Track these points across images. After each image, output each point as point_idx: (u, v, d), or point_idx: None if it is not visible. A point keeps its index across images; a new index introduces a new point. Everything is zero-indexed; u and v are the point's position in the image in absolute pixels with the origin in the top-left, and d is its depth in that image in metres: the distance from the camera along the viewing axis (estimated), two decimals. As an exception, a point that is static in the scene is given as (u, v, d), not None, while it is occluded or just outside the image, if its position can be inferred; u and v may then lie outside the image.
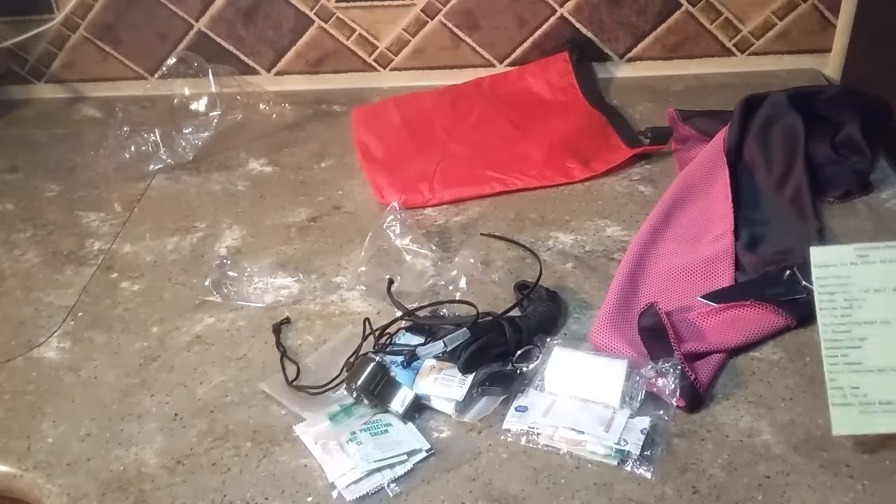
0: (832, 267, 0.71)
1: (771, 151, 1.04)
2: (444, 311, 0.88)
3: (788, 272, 0.86)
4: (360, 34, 1.33)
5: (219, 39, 1.35)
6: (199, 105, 1.24)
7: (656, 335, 0.80)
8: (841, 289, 0.71)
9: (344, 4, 1.31)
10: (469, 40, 1.33)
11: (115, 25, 1.35)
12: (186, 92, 1.25)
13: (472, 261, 0.94)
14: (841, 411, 0.69)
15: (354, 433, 0.75)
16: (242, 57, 1.36)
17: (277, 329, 0.89)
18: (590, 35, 1.32)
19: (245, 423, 0.80)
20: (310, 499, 0.72)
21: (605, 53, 1.33)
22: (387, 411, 0.78)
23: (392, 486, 0.72)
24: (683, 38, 1.31)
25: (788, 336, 0.83)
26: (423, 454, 0.74)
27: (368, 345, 0.84)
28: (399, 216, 0.99)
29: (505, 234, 1.01)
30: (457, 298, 0.90)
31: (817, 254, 0.72)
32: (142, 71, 1.39)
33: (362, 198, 1.11)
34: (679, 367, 0.76)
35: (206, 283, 0.97)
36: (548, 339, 0.82)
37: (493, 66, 1.35)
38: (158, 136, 1.20)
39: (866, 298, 0.70)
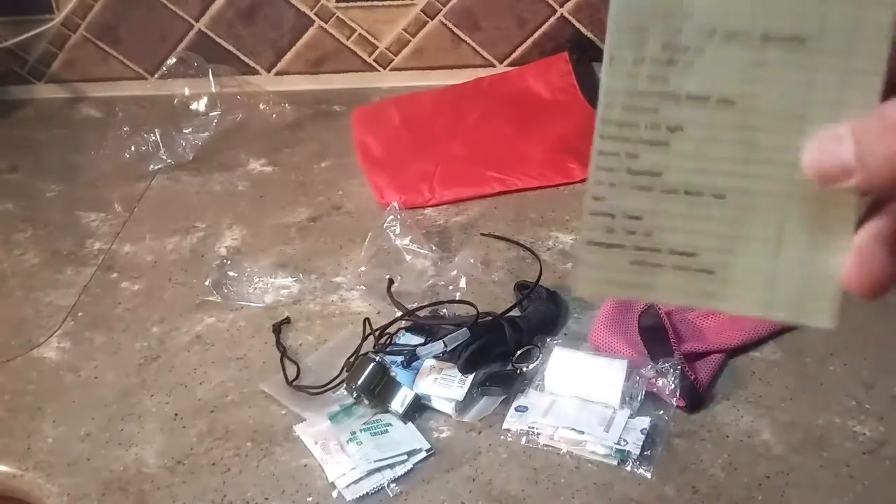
0: None
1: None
2: (444, 311, 0.88)
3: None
4: (360, 34, 1.33)
5: (219, 39, 1.35)
6: (199, 105, 1.24)
7: (656, 335, 0.80)
8: (660, 23, 0.36)
9: (344, 4, 1.31)
10: (469, 40, 1.33)
11: (115, 25, 1.35)
12: (186, 92, 1.25)
13: (472, 261, 0.94)
14: (599, 257, 0.38)
15: (354, 433, 0.75)
16: (242, 57, 1.36)
17: (277, 329, 0.89)
18: (590, 35, 1.32)
19: (245, 423, 0.80)
20: (310, 499, 0.72)
21: (605, 53, 1.33)
22: (387, 411, 0.78)
23: (392, 486, 0.72)
24: (683, 38, 1.31)
25: (788, 336, 0.83)
26: (423, 454, 0.74)
27: (368, 345, 0.84)
28: (399, 216, 0.99)
29: (505, 234, 1.01)
30: (457, 298, 0.90)
31: None
32: (142, 71, 1.39)
33: (362, 198, 1.11)
34: (679, 367, 0.76)
35: (206, 283, 0.97)
36: (548, 339, 0.82)
37: (493, 66, 1.35)
38: (158, 136, 1.20)
39: (703, 49, 0.35)
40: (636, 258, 0.38)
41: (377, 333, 0.84)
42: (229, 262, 1.00)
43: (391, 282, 0.91)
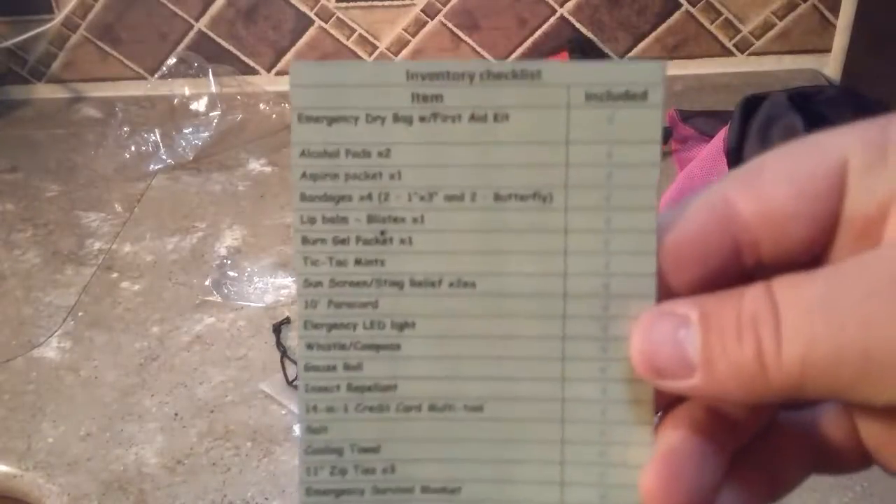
0: (346, 121, 0.28)
1: (771, 151, 1.04)
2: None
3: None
4: (360, 34, 1.34)
5: (219, 39, 1.35)
6: (199, 105, 1.24)
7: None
8: (361, 188, 0.27)
9: (344, 4, 1.31)
10: (469, 40, 1.33)
11: (115, 25, 1.35)
12: (186, 92, 1.25)
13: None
14: None
15: (354, 433, 0.75)
16: (242, 57, 1.36)
17: (277, 329, 0.90)
18: (590, 35, 1.32)
19: (245, 422, 0.80)
20: (310, 499, 0.72)
21: (605, 53, 1.33)
22: (387, 411, 0.78)
23: (392, 485, 0.72)
24: (683, 38, 1.31)
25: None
26: (423, 454, 0.74)
27: (368, 345, 0.84)
28: (399, 216, 0.99)
29: (505, 234, 1.01)
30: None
31: (300, 74, 0.28)
32: (142, 71, 1.39)
33: (362, 198, 1.11)
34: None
35: (207, 283, 0.97)
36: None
37: (493, 66, 1.35)
38: (158, 136, 1.20)
39: (423, 218, 0.26)
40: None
41: (377, 333, 0.84)
42: (229, 262, 1.00)
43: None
